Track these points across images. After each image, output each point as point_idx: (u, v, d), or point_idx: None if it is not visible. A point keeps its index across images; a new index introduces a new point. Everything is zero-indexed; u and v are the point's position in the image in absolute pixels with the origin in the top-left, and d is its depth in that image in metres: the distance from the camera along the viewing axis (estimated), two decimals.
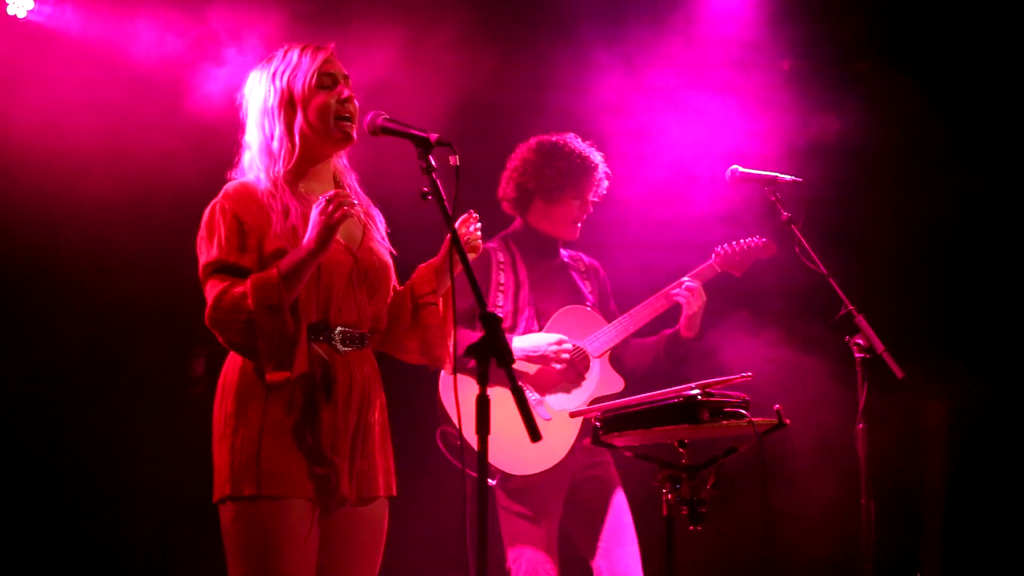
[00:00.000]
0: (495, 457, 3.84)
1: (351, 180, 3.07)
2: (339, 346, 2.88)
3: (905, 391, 4.03)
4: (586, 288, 4.33)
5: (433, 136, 2.76)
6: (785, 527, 5.46)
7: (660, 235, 5.30)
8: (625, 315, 4.25)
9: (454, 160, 2.70)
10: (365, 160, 3.14)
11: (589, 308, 4.26)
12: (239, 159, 2.99)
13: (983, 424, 5.51)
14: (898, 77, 5.51)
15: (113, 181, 5.09)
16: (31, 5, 5.00)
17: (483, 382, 2.52)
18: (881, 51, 5.66)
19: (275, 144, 2.91)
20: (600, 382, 4.17)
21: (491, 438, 3.56)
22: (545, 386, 4.10)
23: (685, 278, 4.25)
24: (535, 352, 4.05)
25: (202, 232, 2.87)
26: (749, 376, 3.21)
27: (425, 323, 3.04)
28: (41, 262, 5.18)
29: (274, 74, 2.93)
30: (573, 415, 3.90)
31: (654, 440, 3.46)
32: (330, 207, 2.72)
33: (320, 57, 2.94)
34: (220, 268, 2.80)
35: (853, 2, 5.68)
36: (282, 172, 2.90)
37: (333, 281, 2.86)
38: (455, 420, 3.81)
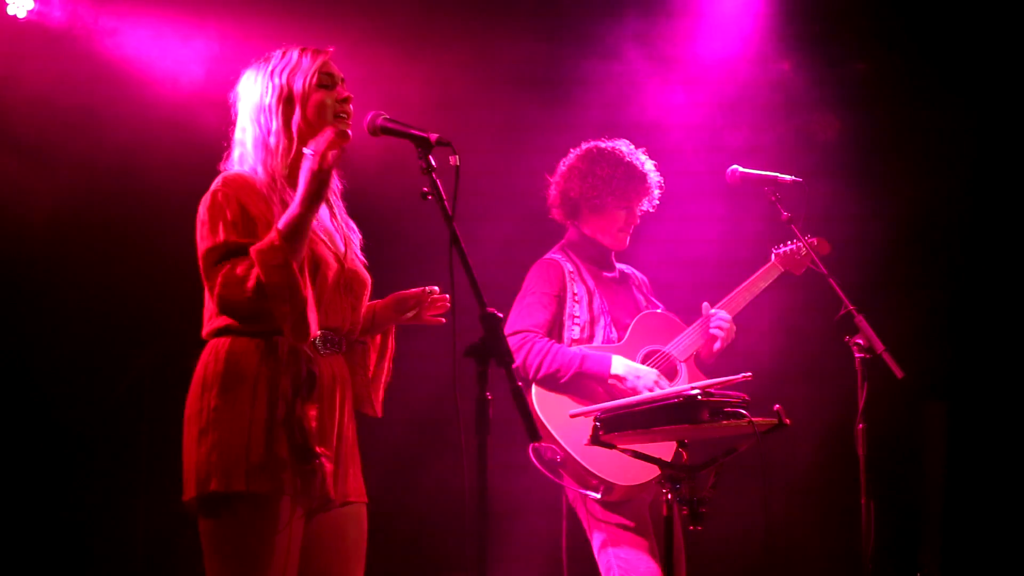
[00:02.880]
0: (600, 467, 3.78)
1: (336, 192, 3.06)
2: (320, 348, 2.87)
3: (905, 391, 4.02)
4: (641, 300, 4.22)
5: (433, 136, 2.74)
6: (785, 527, 5.47)
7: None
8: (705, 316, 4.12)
9: (454, 160, 2.68)
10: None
11: (665, 312, 4.16)
12: (228, 154, 2.97)
13: (983, 424, 5.52)
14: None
15: (113, 181, 5.10)
16: (31, 5, 5.00)
17: (482, 382, 2.52)
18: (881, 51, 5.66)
19: (272, 139, 2.90)
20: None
21: (592, 450, 3.53)
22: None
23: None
24: (630, 381, 3.88)
25: (203, 217, 2.81)
26: (749, 376, 3.20)
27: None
28: (41, 263, 5.18)
29: (272, 71, 2.94)
30: (573, 415, 3.88)
31: (654, 440, 3.46)
32: (323, 142, 2.70)
33: (320, 59, 2.96)
34: (227, 252, 2.75)
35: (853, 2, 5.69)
36: (279, 167, 2.90)
37: (325, 283, 2.85)
38: (553, 433, 3.78)
